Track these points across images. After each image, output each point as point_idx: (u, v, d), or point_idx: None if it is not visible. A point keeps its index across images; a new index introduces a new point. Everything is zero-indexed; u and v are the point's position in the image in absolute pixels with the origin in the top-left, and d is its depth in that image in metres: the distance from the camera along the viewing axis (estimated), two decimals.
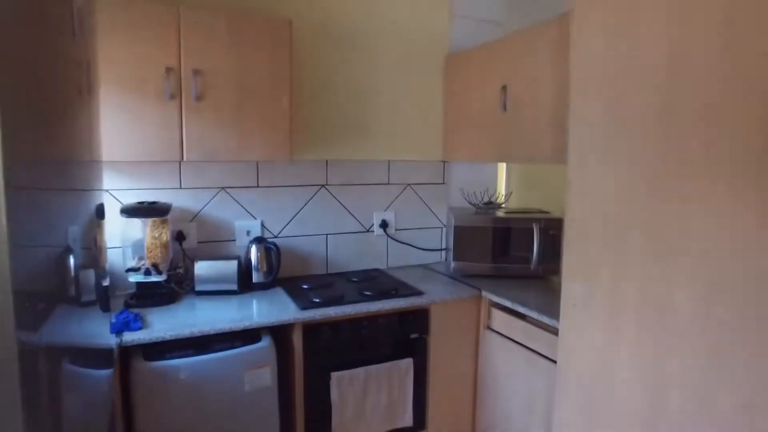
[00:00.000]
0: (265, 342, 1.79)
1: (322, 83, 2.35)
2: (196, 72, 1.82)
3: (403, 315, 2.04)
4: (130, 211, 1.85)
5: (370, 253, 2.56)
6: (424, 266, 2.64)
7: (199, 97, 1.83)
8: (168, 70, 1.77)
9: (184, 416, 1.66)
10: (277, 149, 1.98)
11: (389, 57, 2.48)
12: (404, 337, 2.05)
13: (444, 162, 2.68)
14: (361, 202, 2.51)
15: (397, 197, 2.59)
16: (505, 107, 2.16)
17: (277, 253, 2.17)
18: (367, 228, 2.54)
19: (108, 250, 2.00)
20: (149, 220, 1.94)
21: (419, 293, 2.11)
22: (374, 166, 2.52)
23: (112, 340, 1.56)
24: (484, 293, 2.15)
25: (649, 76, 1.32)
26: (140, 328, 1.67)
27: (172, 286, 2.03)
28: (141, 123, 1.77)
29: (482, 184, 2.73)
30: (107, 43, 1.68)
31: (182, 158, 1.84)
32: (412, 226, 2.65)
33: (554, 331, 1.75)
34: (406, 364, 2.02)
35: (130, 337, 1.61)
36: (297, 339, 1.87)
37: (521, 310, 1.94)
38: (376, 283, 2.26)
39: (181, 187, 2.14)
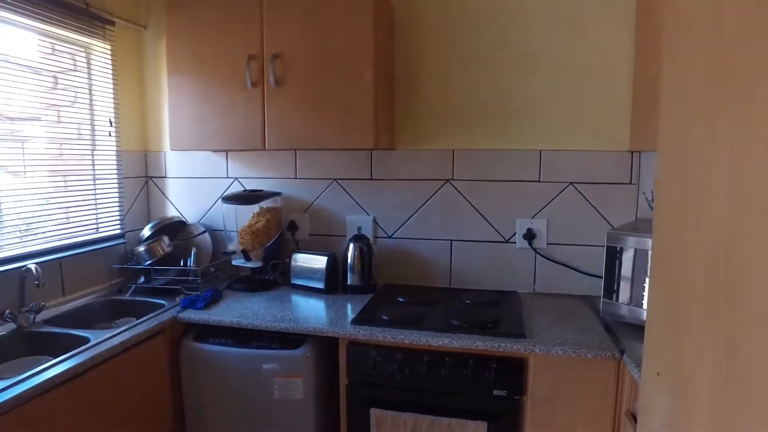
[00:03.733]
0: (301, 351, 1.58)
1: (449, 53, 1.92)
2: (276, 56, 1.75)
3: (483, 360, 1.47)
4: (226, 199, 1.95)
5: (510, 271, 1.96)
6: (585, 299, 1.85)
7: (278, 82, 1.76)
8: (250, 58, 1.77)
9: (220, 401, 1.64)
10: (357, 135, 1.72)
11: (552, 4, 1.83)
12: (483, 391, 1.48)
13: (632, 152, 1.81)
14: (498, 203, 1.95)
15: (552, 200, 1.90)
16: None
17: (369, 255, 1.90)
18: (507, 238, 1.96)
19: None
20: (253, 208, 2.00)
21: (518, 335, 1.48)
22: (518, 157, 1.91)
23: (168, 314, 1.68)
24: (626, 358, 1.34)
25: None
26: (200, 309, 1.73)
27: (275, 275, 2.05)
28: (227, 113, 1.82)
29: None
30: (196, 39, 1.80)
31: (264, 147, 1.81)
32: (573, 242, 1.90)
33: None
34: (476, 427, 1.45)
35: (185, 315, 1.69)
36: (342, 357, 1.59)
37: None
38: (489, 311, 1.71)
39: (296, 177, 2.12)
